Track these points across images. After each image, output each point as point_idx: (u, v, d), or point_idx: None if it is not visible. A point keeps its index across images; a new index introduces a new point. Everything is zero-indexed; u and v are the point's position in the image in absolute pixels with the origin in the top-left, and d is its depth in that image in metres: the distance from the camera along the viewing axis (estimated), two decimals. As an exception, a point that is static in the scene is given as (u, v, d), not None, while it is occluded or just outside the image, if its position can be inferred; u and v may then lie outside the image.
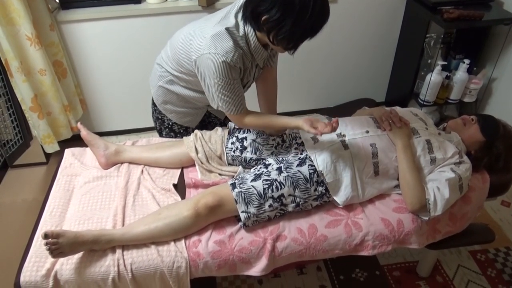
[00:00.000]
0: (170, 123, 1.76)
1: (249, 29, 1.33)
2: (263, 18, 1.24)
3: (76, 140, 2.12)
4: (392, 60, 2.87)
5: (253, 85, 1.66)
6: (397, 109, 1.66)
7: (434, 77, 2.47)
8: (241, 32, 1.33)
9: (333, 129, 1.31)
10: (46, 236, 1.20)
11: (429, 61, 2.61)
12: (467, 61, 2.47)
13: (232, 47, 1.30)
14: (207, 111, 1.76)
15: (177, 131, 1.78)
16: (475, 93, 2.60)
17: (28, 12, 2.08)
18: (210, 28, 1.34)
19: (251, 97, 1.73)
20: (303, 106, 2.98)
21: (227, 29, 1.31)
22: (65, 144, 2.35)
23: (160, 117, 1.76)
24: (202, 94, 1.56)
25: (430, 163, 1.48)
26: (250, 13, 1.27)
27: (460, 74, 2.51)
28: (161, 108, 1.71)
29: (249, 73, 1.47)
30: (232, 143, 1.61)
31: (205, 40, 1.32)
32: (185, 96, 1.61)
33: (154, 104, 1.75)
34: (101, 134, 2.78)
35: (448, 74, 2.54)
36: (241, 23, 1.34)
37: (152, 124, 1.87)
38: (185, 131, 1.78)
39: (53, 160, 2.56)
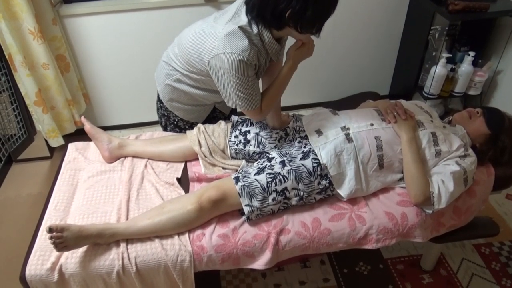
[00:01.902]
0: (176, 120, 1.75)
1: (262, 27, 1.32)
2: (288, 13, 1.23)
3: (79, 134, 2.13)
4: (396, 53, 2.84)
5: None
6: (402, 102, 1.65)
7: (439, 70, 2.45)
8: (255, 30, 1.33)
9: None
10: (50, 230, 1.21)
11: (433, 53, 2.59)
12: (472, 53, 2.44)
13: (247, 46, 1.30)
14: (215, 109, 1.75)
15: (183, 127, 1.78)
16: (480, 86, 2.57)
17: (31, 6, 2.07)
18: (221, 26, 1.33)
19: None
20: (307, 100, 2.97)
21: (240, 27, 1.30)
22: (69, 138, 2.36)
23: (166, 114, 1.76)
24: (211, 93, 1.56)
25: (435, 156, 1.47)
26: (271, 15, 1.26)
27: (465, 66, 2.48)
28: (168, 105, 1.70)
29: (263, 68, 1.47)
30: (236, 136, 1.61)
31: (219, 40, 1.31)
32: (193, 94, 1.60)
33: (160, 101, 1.74)
34: (105, 128, 2.78)
35: (453, 67, 2.52)
36: (253, 21, 1.32)
37: (155, 118, 1.87)
38: (191, 127, 1.77)
39: (57, 154, 2.57)
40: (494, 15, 2.41)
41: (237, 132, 1.61)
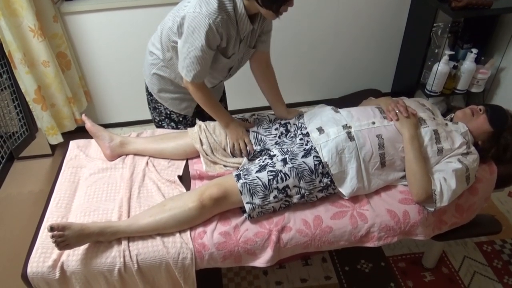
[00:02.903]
0: (168, 112, 1.76)
1: None
2: None
3: (80, 132, 2.13)
4: (398, 50, 2.83)
5: (253, 79, 1.66)
6: (404, 99, 1.64)
7: (441, 67, 2.44)
8: None
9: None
10: (52, 228, 1.21)
11: (436, 50, 2.57)
12: (474, 50, 2.43)
13: (216, 9, 1.32)
14: None
15: (176, 119, 1.79)
16: (483, 83, 2.56)
17: (31, 3, 2.07)
18: None
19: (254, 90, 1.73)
20: (308, 97, 2.96)
21: None
22: (69, 136, 2.35)
23: (157, 107, 1.77)
24: None
25: (437, 153, 1.46)
26: None
27: (468, 64, 2.47)
28: (157, 97, 1.73)
29: (234, 43, 1.47)
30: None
31: (192, 2, 1.35)
32: (178, 80, 1.63)
33: (150, 94, 1.76)
34: (106, 126, 2.78)
35: (456, 64, 2.50)
36: None
37: (156, 116, 1.87)
38: (184, 119, 1.79)
39: (58, 151, 2.57)
40: (497, 12, 2.39)
41: None
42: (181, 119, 1.79)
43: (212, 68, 1.52)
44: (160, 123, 1.83)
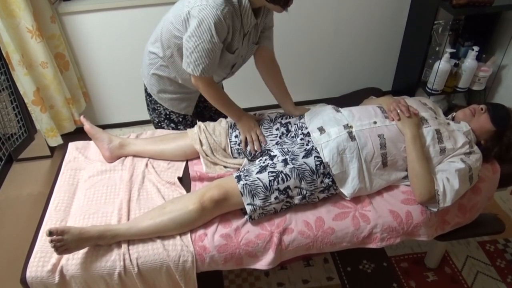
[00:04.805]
0: (167, 112, 1.75)
1: None
2: None
3: (79, 133, 2.11)
4: (399, 48, 2.81)
5: (252, 78, 1.65)
6: (406, 98, 1.63)
7: (443, 65, 2.42)
8: None
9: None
10: (50, 233, 1.19)
11: (437, 48, 2.55)
12: (476, 48, 2.41)
13: (223, 1, 1.31)
14: (202, 96, 1.74)
15: (176, 120, 1.77)
16: (484, 81, 2.54)
17: (29, 4, 2.05)
18: None
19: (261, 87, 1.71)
20: (308, 96, 2.94)
21: None
22: (68, 137, 2.34)
23: (156, 108, 1.75)
24: None
25: (439, 153, 1.44)
26: None
27: (469, 61, 2.45)
28: (157, 97, 1.71)
29: (238, 37, 1.46)
30: (236, 136, 1.59)
31: None
32: (177, 79, 1.61)
33: (149, 95, 1.75)
34: (105, 126, 2.77)
35: (457, 62, 2.48)
36: None
37: (156, 116, 1.85)
38: (184, 119, 1.78)
39: (57, 153, 2.55)
40: (499, 9, 2.37)
41: (237, 131, 1.59)
42: (180, 119, 1.77)
43: (217, 66, 1.49)
44: (159, 124, 1.81)
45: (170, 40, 1.50)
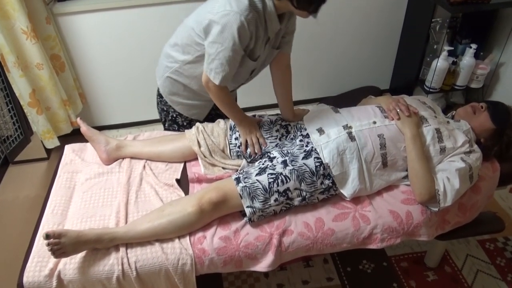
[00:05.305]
0: (174, 115, 1.72)
1: None
2: None
3: (76, 135, 2.09)
4: (396, 46, 2.80)
5: (269, 75, 1.64)
6: (405, 97, 1.62)
7: (441, 63, 2.41)
8: None
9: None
10: (47, 236, 1.18)
11: (435, 46, 2.55)
12: (474, 46, 2.41)
13: (247, 6, 1.26)
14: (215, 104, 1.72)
15: (181, 123, 1.75)
16: (482, 79, 2.54)
17: (23, 5, 2.02)
18: None
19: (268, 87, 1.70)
20: (305, 95, 2.93)
21: None
22: (65, 138, 2.32)
23: (165, 109, 1.73)
24: None
25: (439, 152, 1.44)
26: None
27: (467, 59, 2.44)
28: (168, 99, 1.68)
29: (260, 44, 1.42)
30: (236, 138, 1.57)
31: (219, 2, 1.29)
32: (192, 86, 1.58)
33: (160, 95, 1.71)
34: (102, 127, 2.75)
35: (455, 60, 2.48)
36: None
37: (153, 117, 1.85)
38: (189, 124, 1.74)
39: (54, 155, 2.53)
40: (496, 7, 2.36)
41: (237, 134, 1.58)
42: (185, 124, 1.74)
43: (237, 72, 1.44)
44: (165, 124, 1.80)
45: (190, 46, 1.46)
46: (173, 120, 1.74)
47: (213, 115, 1.77)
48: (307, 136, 1.48)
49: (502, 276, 1.81)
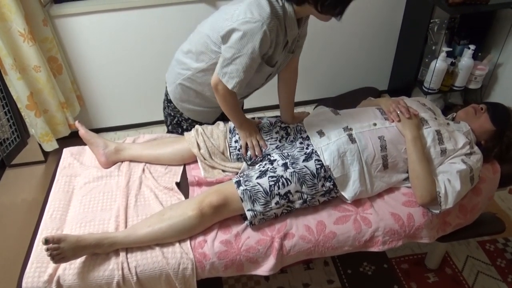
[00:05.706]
0: (180, 120, 1.71)
1: (285, 1, 1.28)
2: None
3: (74, 137, 2.08)
4: (395, 47, 2.80)
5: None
6: (404, 99, 1.61)
7: (439, 64, 2.41)
8: (280, 2, 1.27)
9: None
10: (46, 241, 1.17)
11: (433, 47, 2.55)
12: (472, 46, 2.41)
13: (269, 14, 1.24)
14: None
15: (185, 127, 1.74)
16: (481, 80, 2.54)
17: (20, 7, 2.01)
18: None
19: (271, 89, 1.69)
20: (304, 97, 2.92)
21: None
22: (63, 141, 2.30)
23: (172, 114, 1.71)
24: None
25: (440, 154, 1.43)
26: None
27: (465, 60, 2.45)
28: (179, 106, 1.66)
29: (279, 51, 1.40)
30: (236, 141, 1.56)
31: (239, 9, 1.26)
32: (204, 93, 1.56)
33: (169, 101, 1.69)
34: (100, 130, 2.73)
35: (453, 61, 2.48)
36: None
37: (151, 119, 1.83)
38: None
39: (51, 158, 2.51)
40: (494, 8, 2.37)
41: (237, 136, 1.57)
42: (190, 128, 1.72)
43: (252, 78, 1.42)
44: (168, 126, 1.79)
45: (205, 53, 1.43)
46: (178, 124, 1.74)
47: (220, 119, 1.75)
48: (307, 138, 1.48)
49: (503, 277, 1.81)
